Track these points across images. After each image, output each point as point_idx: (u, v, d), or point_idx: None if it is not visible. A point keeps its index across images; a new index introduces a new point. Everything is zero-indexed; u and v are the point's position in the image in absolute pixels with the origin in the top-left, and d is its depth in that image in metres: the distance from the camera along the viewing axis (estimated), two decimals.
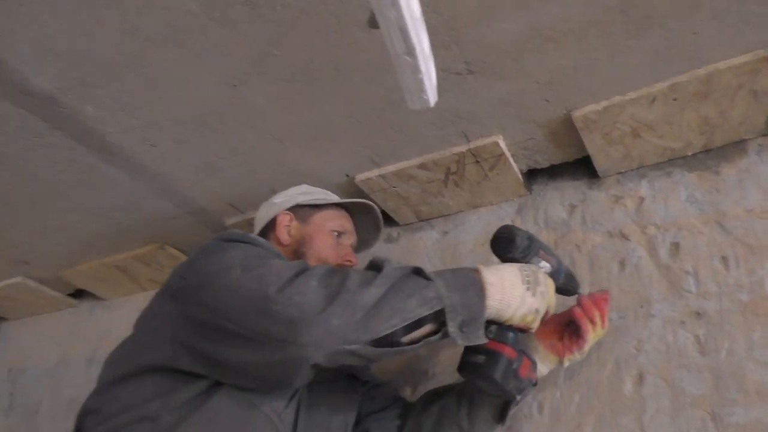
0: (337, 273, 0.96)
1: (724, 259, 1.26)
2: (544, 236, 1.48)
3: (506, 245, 1.13)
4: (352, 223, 1.40)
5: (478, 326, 0.99)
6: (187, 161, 1.50)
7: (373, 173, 1.51)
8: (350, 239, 1.38)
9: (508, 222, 1.55)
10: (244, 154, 1.47)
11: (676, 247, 1.32)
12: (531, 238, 1.14)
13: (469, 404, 1.22)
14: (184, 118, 1.35)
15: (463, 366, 1.12)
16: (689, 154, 1.39)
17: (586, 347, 1.18)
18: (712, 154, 1.37)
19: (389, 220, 1.72)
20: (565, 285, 1.19)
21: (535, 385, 1.14)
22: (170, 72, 1.21)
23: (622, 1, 1.05)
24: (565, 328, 1.22)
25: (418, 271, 0.99)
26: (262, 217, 1.39)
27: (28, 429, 2.16)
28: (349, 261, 1.33)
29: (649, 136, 1.34)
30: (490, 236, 1.54)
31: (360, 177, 1.53)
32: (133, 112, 1.32)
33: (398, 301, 0.92)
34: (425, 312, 0.94)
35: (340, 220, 1.37)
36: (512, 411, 1.19)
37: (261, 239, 1.16)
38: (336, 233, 1.34)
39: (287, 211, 1.35)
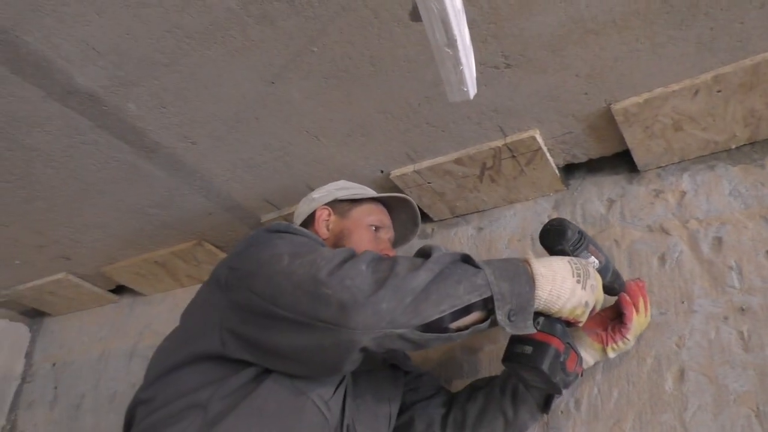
0: (386, 259, 0.96)
1: None
2: None
3: (557, 237, 1.12)
4: (390, 218, 1.41)
5: (527, 316, 0.99)
6: (224, 157, 1.52)
7: (408, 169, 1.51)
8: (388, 233, 1.39)
9: (544, 218, 1.54)
10: (279, 150, 1.48)
11: (718, 241, 1.29)
12: (582, 233, 1.13)
13: (513, 393, 1.23)
14: (221, 115, 1.37)
15: (510, 356, 1.11)
16: (733, 147, 1.36)
17: (630, 335, 1.18)
18: (758, 147, 1.34)
19: (424, 216, 1.72)
20: (612, 283, 1.17)
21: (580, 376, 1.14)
22: (208, 69, 1.23)
23: None
24: (609, 320, 1.21)
25: (467, 259, 0.99)
26: (301, 212, 1.41)
27: (71, 422, 2.22)
28: (387, 255, 1.33)
29: (692, 129, 1.31)
30: (526, 232, 1.54)
31: (395, 173, 1.53)
32: (172, 109, 1.35)
33: (447, 286, 0.93)
34: (474, 299, 0.94)
35: (378, 215, 1.38)
36: (556, 401, 1.19)
37: (305, 230, 1.18)
38: (374, 227, 1.35)
39: (326, 206, 1.36)
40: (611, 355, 1.19)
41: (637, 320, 1.19)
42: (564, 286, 1.02)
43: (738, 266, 1.25)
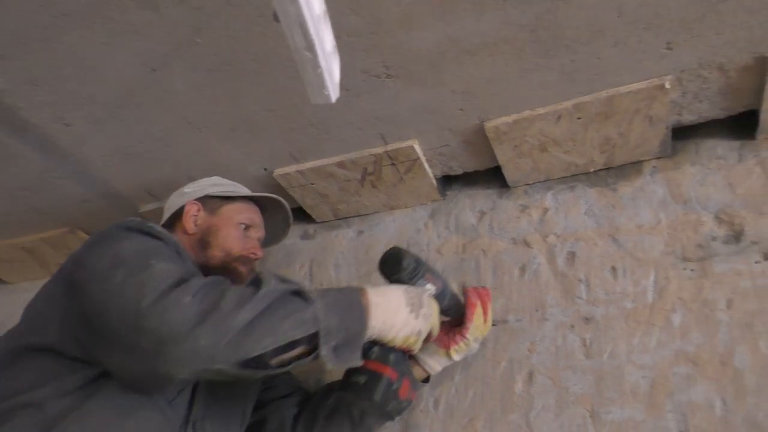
0: (215, 288, 0.95)
1: (614, 270, 1.35)
2: (454, 240, 1.54)
3: (394, 266, 1.17)
4: (262, 218, 1.43)
5: (354, 348, 1.01)
6: (102, 143, 1.47)
7: (292, 168, 1.53)
8: (258, 233, 1.40)
9: (421, 225, 1.60)
10: (161, 140, 1.46)
11: (572, 256, 1.40)
12: (418, 261, 1.18)
13: None
14: (99, 98, 1.33)
15: (345, 385, 1.16)
16: (591, 170, 1.48)
17: (469, 335, 1.24)
18: (612, 172, 1.47)
19: (307, 217, 1.75)
20: (449, 307, 1.23)
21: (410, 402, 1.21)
22: (86, 50, 1.19)
23: (533, 22, 1.12)
24: (452, 326, 1.28)
25: (298, 292, 0.99)
26: (170, 206, 1.40)
27: None
28: (254, 254, 1.36)
29: (556, 151, 1.42)
30: (402, 238, 1.60)
31: (278, 171, 1.54)
32: (45, 88, 1.29)
33: (272, 322, 0.93)
34: (298, 335, 0.94)
35: (249, 213, 1.39)
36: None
37: (161, 231, 1.16)
38: (244, 226, 1.36)
39: (195, 201, 1.36)
40: (455, 357, 1.25)
41: (478, 323, 1.26)
42: (397, 316, 1.07)
43: (586, 279, 1.37)
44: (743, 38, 1.13)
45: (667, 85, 1.23)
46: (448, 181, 1.63)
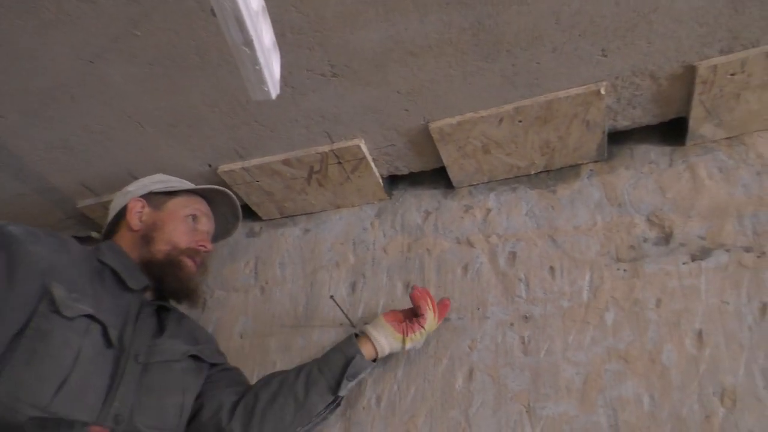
0: None
1: (552, 269, 1.39)
2: (399, 240, 1.56)
3: None
4: (210, 210, 1.43)
5: None
6: (37, 136, 1.42)
7: (237, 165, 1.51)
8: (206, 225, 1.40)
9: (367, 224, 1.61)
10: (100, 134, 1.42)
11: (513, 256, 1.44)
12: None
13: (307, 375, 1.28)
14: (34, 90, 1.29)
15: None
16: (532, 172, 1.52)
17: (426, 325, 1.28)
18: (552, 175, 1.51)
19: (252, 215, 1.73)
20: None
21: None
22: (19, 40, 1.16)
23: (475, 25, 1.14)
24: (406, 317, 1.32)
25: None
26: (114, 206, 1.40)
27: None
28: (203, 246, 1.36)
29: (498, 153, 1.45)
30: (349, 237, 1.61)
31: (223, 168, 1.52)
32: None
33: None
34: None
35: (196, 205, 1.39)
36: (349, 385, 1.26)
37: (16, 243, 1.10)
38: (191, 217, 1.37)
39: (139, 198, 1.36)
40: (408, 345, 1.28)
41: (431, 318, 1.29)
42: None
43: (526, 279, 1.40)
44: (672, 48, 1.18)
45: (603, 91, 1.28)
46: (394, 180, 1.64)
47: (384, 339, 1.28)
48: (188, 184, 1.44)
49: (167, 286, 1.33)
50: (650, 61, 1.22)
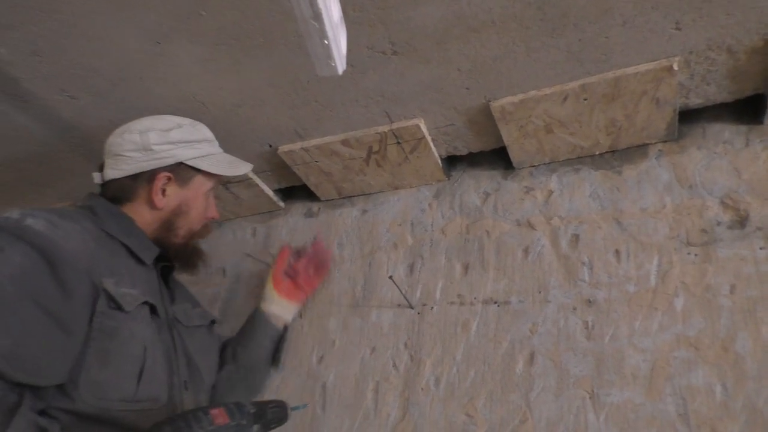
0: None
1: (617, 253, 1.34)
2: (458, 221, 1.54)
3: None
4: None
5: None
6: (106, 116, 1.46)
7: (297, 146, 1.52)
8: (217, 189, 1.41)
9: (425, 205, 1.60)
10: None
11: (576, 238, 1.40)
12: None
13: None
14: (103, 71, 1.32)
15: None
16: (597, 153, 1.47)
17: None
18: (617, 155, 1.46)
19: (311, 195, 1.74)
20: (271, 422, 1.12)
21: None
22: (89, 21, 1.19)
23: None
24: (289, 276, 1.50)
25: None
26: (132, 160, 1.24)
27: None
28: (214, 217, 1.37)
29: (561, 133, 1.41)
30: (407, 217, 1.61)
31: (283, 148, 1.54)
32: (48, 59, 1.28)
33: None
34: None
35: (218, 178, 1.36)
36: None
37: (49, 243, 1.00)
38: (210, 192, 1.35)
39: (168, 172, 1.26)
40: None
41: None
42: None
43: (590, 262, 1.36)
44: (753, 19, 1.12)
45: (675, 67, 1.22)
46: (453, 161, 1.62)
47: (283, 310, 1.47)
48: (215, 148, 1.36)
49: (176, 261, 1.33)
50: (728, 34, 1.15)
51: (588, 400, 1.22)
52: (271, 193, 1.74)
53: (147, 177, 1.25)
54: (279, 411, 1.12)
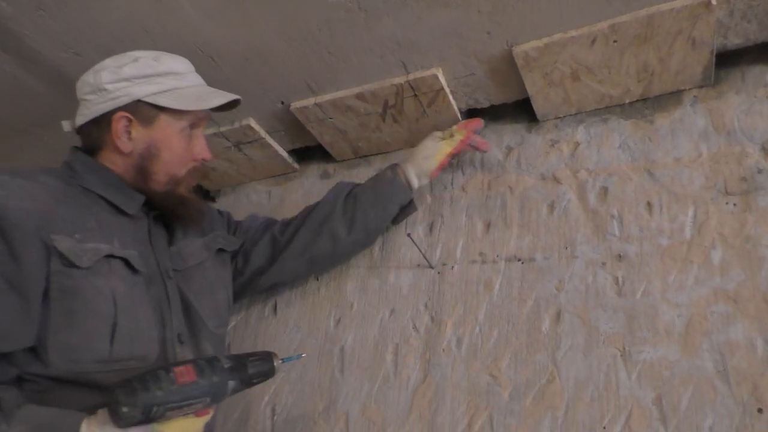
0: None
1: (649, 205, 1.27)
2: (479, 177, 1.47)
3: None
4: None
5: None
6: None
7: (309, 101, 1.46)
8: (203, 124, 1.24)
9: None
10: None
11: (604, 191, 1.32)
12: (147, 406, 0.91)
13: (355, 201, 1.38)
14: (108, 25, 1.27)
15: None
16: (627, 102, 1.39)
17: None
18: (649, 103, 1.37)
19: (326, 156, 1.69)
20: (240, 388, 1.04)
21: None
22: None
23: None
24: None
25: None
26: (90, 103, 1.15)
27: None
28: (204, 158, 1.23)
29: (589, 80, 1.33)
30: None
31: (296, 105, 1.48)
32: (51, 13, 1.24)
33: None
34: None
35: (194, 113, 1.19)
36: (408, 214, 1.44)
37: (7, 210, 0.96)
38: (188, 128, 1.19)
39: (125, 112, 1.14)
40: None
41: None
42: None
43: (619, 216, 1.29)
44: None
45: (713, 2, 1.13)
46: (473, 115, 1.54)
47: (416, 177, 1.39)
48: (187, 79, 1.21)
49: (164, 211, 1.22)
50: None
51: (619, 359, 1.16)
52: (285, 154, 1.68)
53: (107, 120, 1.15)
54: (262, 364, 1.04)
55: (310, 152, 1.72)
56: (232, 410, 1.47)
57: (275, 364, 1.06)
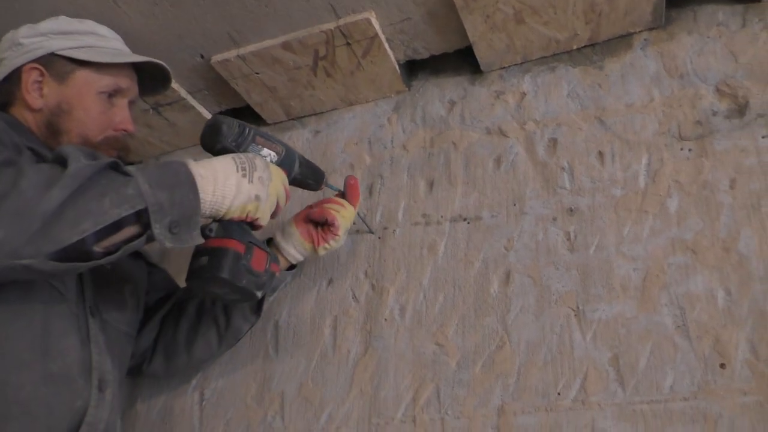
0: (8, 167, 0.77)
1: (601, 155, 1.18)
2: (421, 134, 1.36)
3: (214, 135, 1.00)
4: (132, 74, 1.15)
5: (192, 225, 0.85)
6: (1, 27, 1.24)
7: (232, 54, 1.32)
8: (128, 95, 1.14)
9: (384, 120, 1.42)
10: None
11: (553, 143, 1.23)
12: (243, 125, 1.02)
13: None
14: None
15: (190, 273, 0.97)
16: (575, 47, 1.30)
17: (341, 233, 1.14)
18: (598, 49, 1.29)
19: (256, 118, 1.54)
20: (304, 176, 1.11)
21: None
22: None
23: None
24: (320, 221, 1.16)
25: (114, 166, 0.83)
26: (6, 60, 1.09)
27: None
28: (125, 129, 1.12)
29: (534, 22, 1.23)
30: (364, 135, 1.42)
31: (216, 58, 1.33)
32: None
33: (88, 202, 0.76)
34: (124, 212, 0.78)
35: (115, 78, 1.10)
36: (270, 299, 1.22)
37: None
38: (107, 94, 1.10)
39: (36, 65, 1.06)
40: (322, 253, 1.15)
41: (345, 217, 1.14)
42: (227, 183, 0.90)
43: (570, 167, 1.20)
44: None
45: None
46: (413, 69, 1.43)
47: (293, 249, 1.15)
48: (109, 42, 1.14)
49: None
50: None
51: (573, 318, 1.07)
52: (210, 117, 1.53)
53: (18, 74, 1.06)
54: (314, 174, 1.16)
55: (239, 115, 1.57)
56: (156, 399, 1.33)
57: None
